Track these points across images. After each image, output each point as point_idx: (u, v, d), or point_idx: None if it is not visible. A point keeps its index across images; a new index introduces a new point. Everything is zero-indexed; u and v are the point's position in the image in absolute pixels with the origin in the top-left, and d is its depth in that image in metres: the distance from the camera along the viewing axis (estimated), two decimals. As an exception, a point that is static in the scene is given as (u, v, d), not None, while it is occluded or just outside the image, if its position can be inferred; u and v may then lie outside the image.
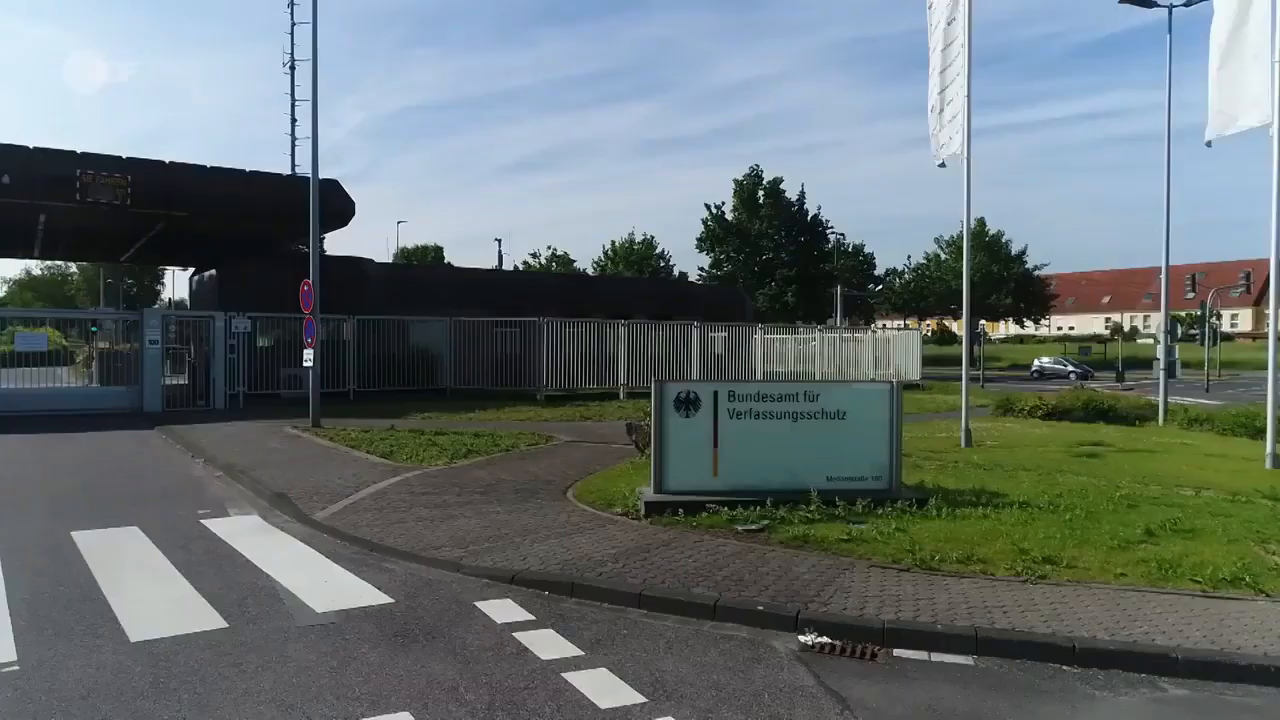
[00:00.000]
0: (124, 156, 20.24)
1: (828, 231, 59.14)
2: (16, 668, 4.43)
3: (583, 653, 4.78)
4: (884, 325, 58.86)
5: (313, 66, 16.26)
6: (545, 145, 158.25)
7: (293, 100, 31.95)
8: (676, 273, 70.64)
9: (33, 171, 18.87)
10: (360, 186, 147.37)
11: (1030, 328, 77.98)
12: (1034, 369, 52.35)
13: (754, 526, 7.40)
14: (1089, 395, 19.92)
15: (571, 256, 77.98)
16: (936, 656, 4.89)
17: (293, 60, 31.69)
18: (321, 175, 16.74)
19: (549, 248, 78.00)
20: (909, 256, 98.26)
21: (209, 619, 5.23)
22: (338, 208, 22.57)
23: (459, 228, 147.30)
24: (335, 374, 22.29)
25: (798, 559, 6.54)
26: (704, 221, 59.19)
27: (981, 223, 68.76)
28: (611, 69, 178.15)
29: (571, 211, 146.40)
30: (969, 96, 13.13)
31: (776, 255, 57.30)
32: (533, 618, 5.39)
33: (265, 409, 19.30)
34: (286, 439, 14.25)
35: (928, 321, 77.04)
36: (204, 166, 21.19)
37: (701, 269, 60.33)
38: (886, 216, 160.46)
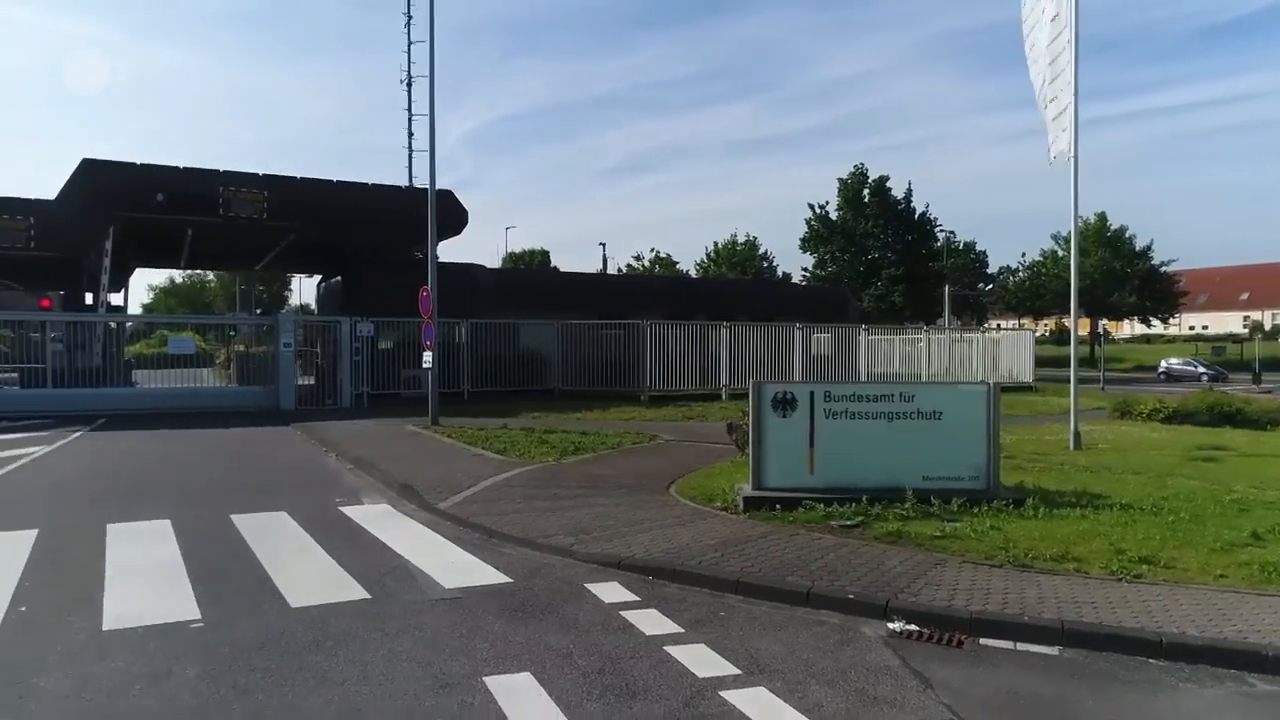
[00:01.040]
0: (261, 173, 21.92)
1: (936, 229, 57.79)
2: (201, 624, 5.19)
3: (683, 630, 5.22)
4: (997, 325, 57.05)
5: (430, 93, 17.32)
6: (643, 148, 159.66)
7: (409, 115, 33.67)
8: (780, 273, 70.42)
9: (182, 190, 20.71)
10: (468, 193, 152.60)
11: (1158, 327, 73.91)
12: (1161, 370, 49.79)
13: (849, 522, 7.68)
14: (1215, 397, 19.04)
15: (674, 258, 78.66)
16: (1022, 646, 5.09)
17: (409, 78, 33.40)
18: (437, 186, 17.79)
19: (652, 250, 79.09)
20: (1023, 254, 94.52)
21: (354, 591, 5.92)
22: (453, 217, 23.77)
23: (562, 230, 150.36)
24: (451, 375, 23.44)
25: (890, 553, 6.80)
26: (807, 221, 58.79)
27: (1102, 218, 65.75)
28: (708, 71, 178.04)
29: (671, 213, 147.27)
30: (1076, 95, 12.90)
31: (882, 254, 56.36)
32: (637, 599, 5.86)
33: (387, 408, 20.57)
34: (409, 436, 15.25)
35: (1045, 321, 74.10)
36: (331, 181, 22.73)
37: (805, 270, 59.89)
38: (1000, 213, 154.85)
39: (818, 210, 58.30)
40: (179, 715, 3.98)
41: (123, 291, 27.28)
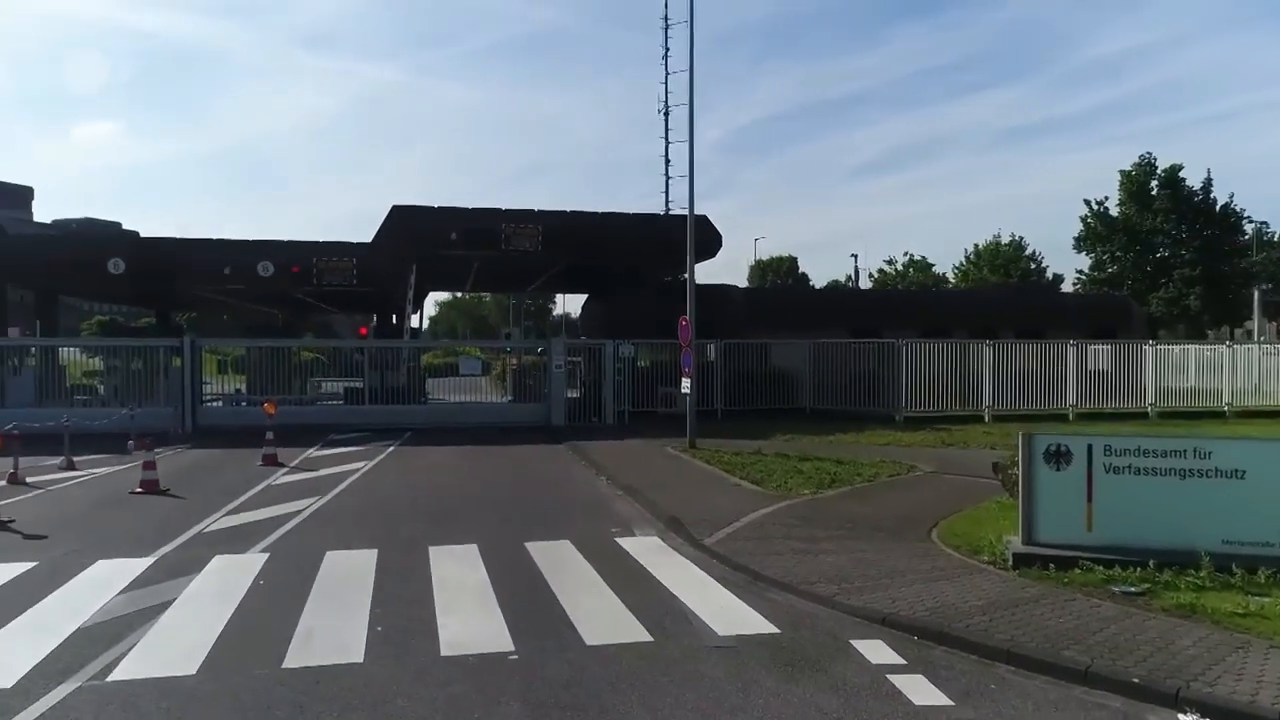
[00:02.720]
0: (536, 209, 24.07)
1: (1243, 221, 50.74)
2: (516, 657, 6.07)
3: (953, 703, 5.32)
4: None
5: (689, 134, 18.19)
6: (898, 143, 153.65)
7: (666, 142, 35.29)
8: (1049, 274, 65.15)
9: (471, 228, 23.26)
10: (716, 197, 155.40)
11: None
12: None
13: (1132, 589, 7.27)
14: None
15: (930, 260, 75.27)
16: (1343, 759, 4.68)
17: (666, 107, 34.94)
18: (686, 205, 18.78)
19: (905, 253, 76.20)
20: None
21: (639, 632, 6.58)
22: (708, 241, 24.64)
23: (811, 233, 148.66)
24: (704, 393, 24.26)
25: (1181, 630, 6.39)
26: (1083, 220, 53.81)
27: None
28: (969, 57, 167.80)
29: (925, 210, 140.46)
30: None
31: (1174, 253, 50.39)
32: (904, 661, 6.01)
33: (646, 426, 21.76)
34: (669, 459, 16.14)
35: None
36: (597, 213, 24.50)
37: (1080, 272, 54.95)
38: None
39: (1095, 207, 53.27)
40: (510, 744, 4.75)
41: (418, 312, 31.11)
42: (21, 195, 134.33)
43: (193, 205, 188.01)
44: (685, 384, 17.76)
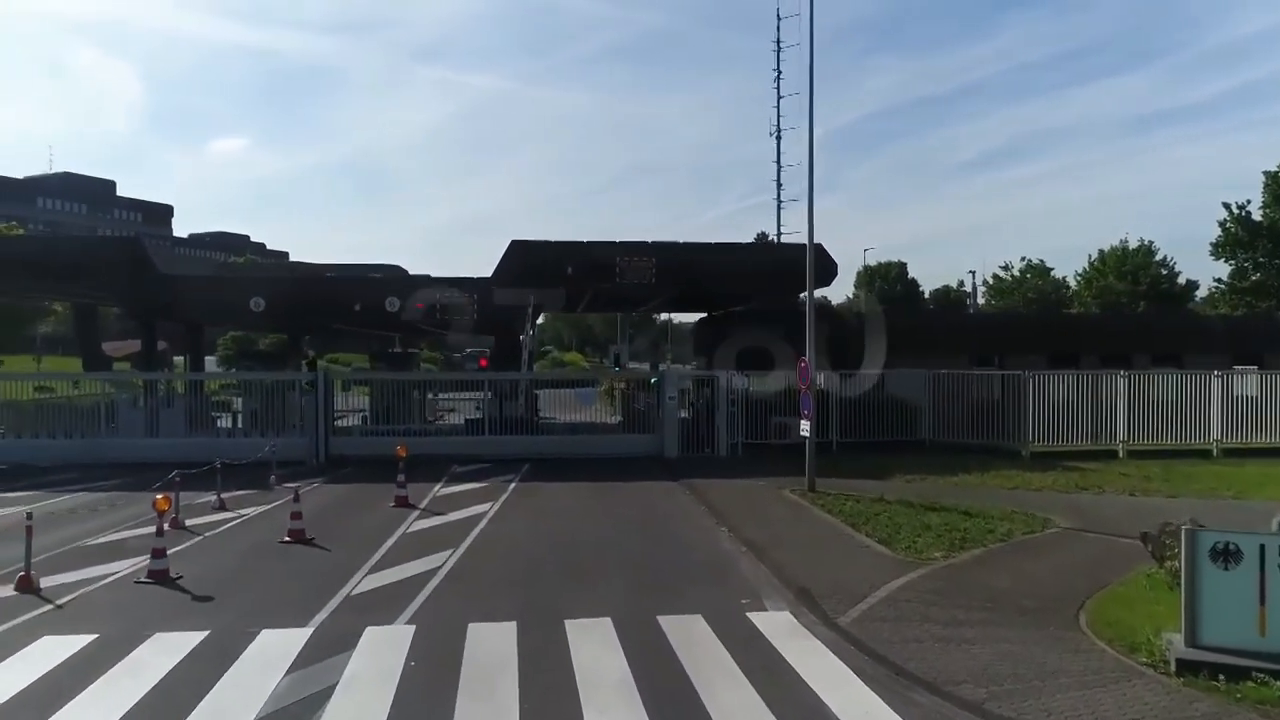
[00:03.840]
0: (650, 241, 24.26)
1: None
2: (667, 772, 6.14)
3: None
4: None
5: (809, 164, 18.01)
6: (1012, 136, 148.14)
7: (779, 167, 35.23)
8: (1181, 280, 61.42)
9: (586, 261, 23.64)
10: (818, 197, 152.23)
11: None
12: None
13: (1318, 712, 6.78)
14: None
15: (1048, 264, 72.22)
16: None
17: (779, 130, 34.89)
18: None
19: (1022, 259, 73.25)
20: None
21: (785, 743, 6.55)
22: (822, 270, 24.23)
23: (919, 231, 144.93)
24: (819, 424, 23.73)
25: (1381, 772, 5.93)
26: (1222, 225, 50.43)
27: None
28: (1091, 42, 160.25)
29: (1042, 207, 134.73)
30: None
31: (1328, 261, 46.71)
32: (1068, 797, 5.78)
33: (760, 461, 21.63)
34: (789, 508, 15.97)
35: None
36: (710, 244, 24.64)
37: (1218, 280, 51.62)
38: None
39: (1235, 211, 49.86)
40: None
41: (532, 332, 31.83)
42: (162, 213, 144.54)
43: (314, 214, 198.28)
44: (805, 426, 17.56)
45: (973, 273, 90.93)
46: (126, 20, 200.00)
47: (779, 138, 34.57)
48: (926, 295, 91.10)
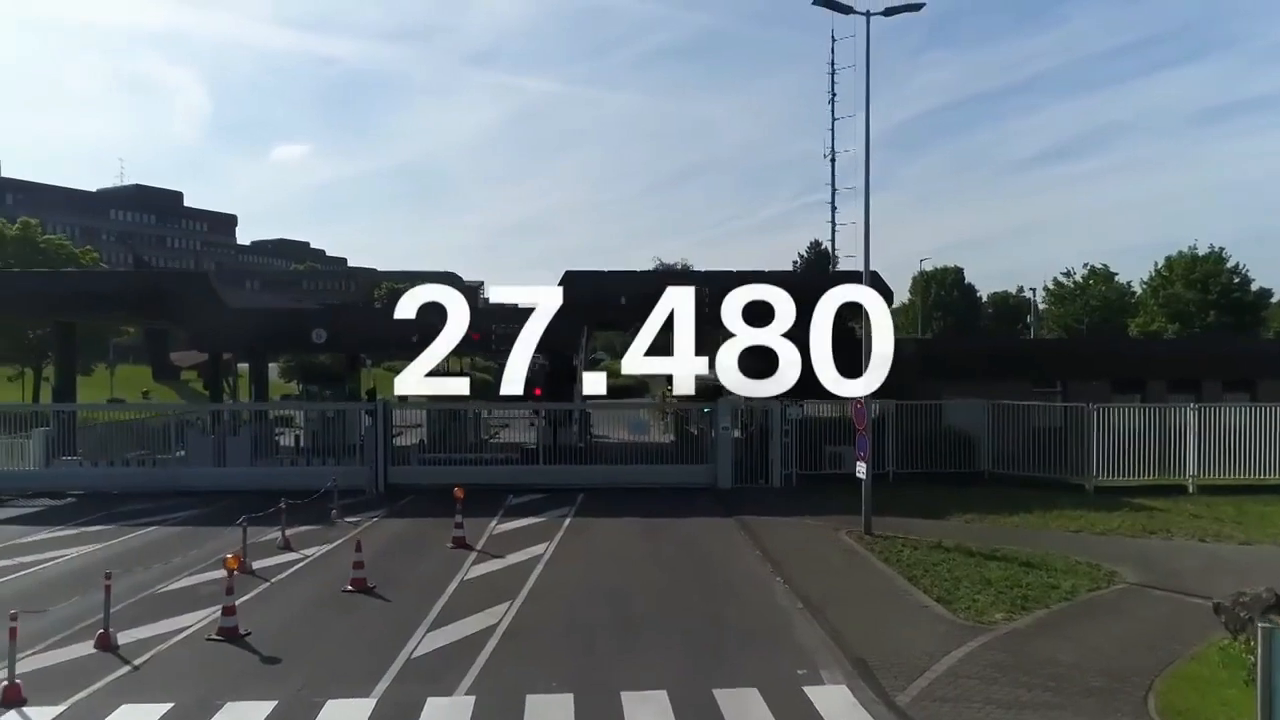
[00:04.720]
0: (702, 270, 24.39)
1: None
2: None
3: None
4: None
5: (865, 195, 17.84)
6: (1072, 131, 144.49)
7: (833, 189, 34.71)
8: (1255, 289, 59.17)
9: (636, 292, 23.68)
10: (873, 196, 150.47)
11: None
12: None
13: (1405, 836, 6.50)
14: None
15: (1112, 269, 70.16)
16: None
17: (834, 153, 34.47)
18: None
19: (1085, 264, 71.23)
20: None
21: None
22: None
23: (973, 229, 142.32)
24: (875, 455, 23.50)
25: None
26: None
27: None
28: (1156, 33, 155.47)
29: (1103, 202, 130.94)
30: None
31: None
32: None
33: (815, 494, 21.51)
34: (845, 556, 15.81)
35: None
36: (762, 272, 24.48)
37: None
38: None
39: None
40: None
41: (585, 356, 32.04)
42: (227, 223, 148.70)
43: (371, 219, 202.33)
44: (861, 468, 17.41)
45: (1032, 290, 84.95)
46: (190, 31, 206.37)
47: (833, 160, 34.15)
48: (984, 299, 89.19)
